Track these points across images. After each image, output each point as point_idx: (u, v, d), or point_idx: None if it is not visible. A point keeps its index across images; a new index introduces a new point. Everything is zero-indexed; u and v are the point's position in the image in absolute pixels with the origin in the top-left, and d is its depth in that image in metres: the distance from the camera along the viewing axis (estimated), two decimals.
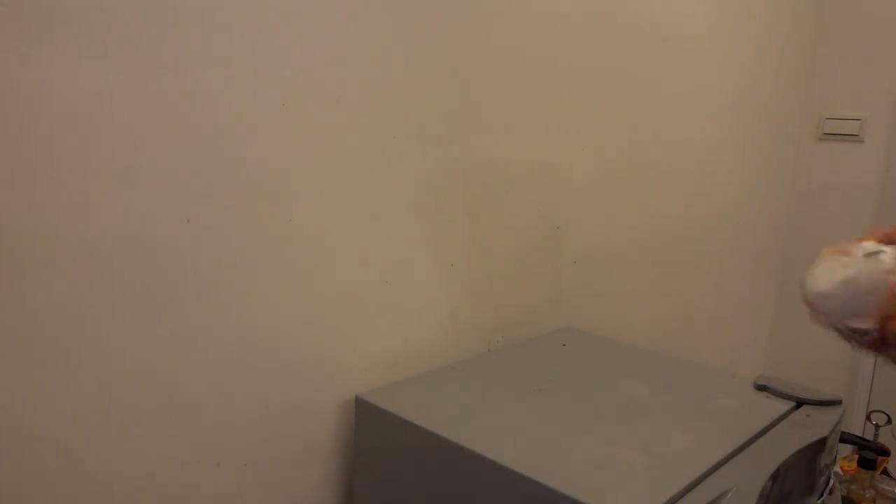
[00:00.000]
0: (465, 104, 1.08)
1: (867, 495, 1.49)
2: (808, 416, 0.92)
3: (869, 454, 1.50)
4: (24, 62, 0.65)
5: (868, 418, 1.82)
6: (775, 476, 0.78)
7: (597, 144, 1.36)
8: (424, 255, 1.07)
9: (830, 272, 0.67)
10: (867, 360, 2.09)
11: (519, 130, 1.18)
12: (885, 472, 1.67)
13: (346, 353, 0.98)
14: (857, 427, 2.08)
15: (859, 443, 1.64)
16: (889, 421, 1.77)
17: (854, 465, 1.55)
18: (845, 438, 1.60)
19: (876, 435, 1.75)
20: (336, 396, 0.98)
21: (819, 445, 0.87)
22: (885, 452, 1.60)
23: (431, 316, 1.10)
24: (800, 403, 0.96)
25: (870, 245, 0.68)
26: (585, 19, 1.27)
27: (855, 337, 0.68)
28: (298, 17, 0.85)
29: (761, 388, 1.00)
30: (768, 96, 1.97)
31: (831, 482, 0.96)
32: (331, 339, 0.96)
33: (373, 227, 0.98)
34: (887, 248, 0.67)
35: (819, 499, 0.92)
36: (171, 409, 0.81)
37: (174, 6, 0.74)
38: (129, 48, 0.71)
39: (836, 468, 1.55)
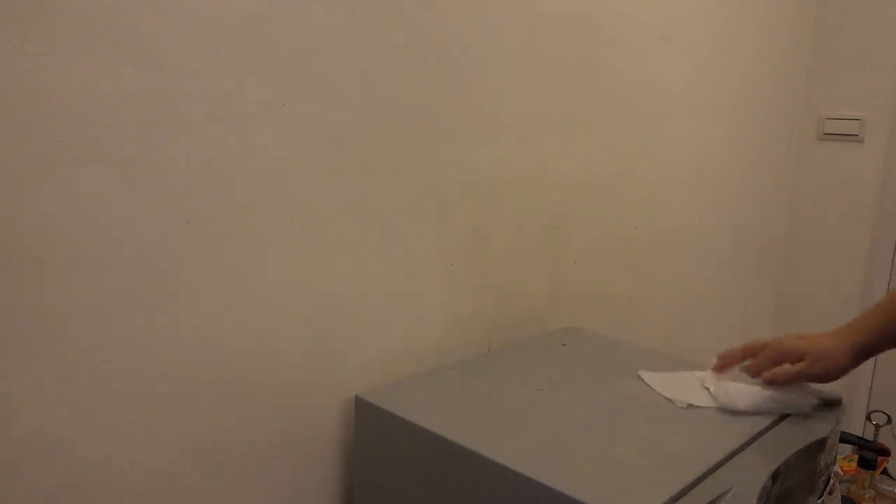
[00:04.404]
0: (466, 104, 1.08)
1: (867, 495, 1.49)
2: (807, 416, 0.92)
3: (869, 454, 1.50)
4: (25, 62, 0.65)
5: (868, 418, 1.82)
6: (775, 476, 0.78)
7: (597, 144, 1.36)
8: (424, 254, 1.07)
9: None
10: (867, 360, 2.09)
11: (519, 130, 1.18)
12: (885, 472, 1.67)
13: (346, 353, 0.98)
14: (857, 427, 2.08)
15: (859, 443, 1.64)
16: (889, 421, 1.77)
17: (854, 465, 1.55)
18: (845, 438, 1.60)
19: (876, 435, 1.75)
20: (336, 396, 0.98)
21: (819, 445, 0.87)
22: (885, 452, 1.60)
23: (431, 316, 1.10)
24: None
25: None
26: (585, 19, 1.27)
27: None
28: (299, 17, 0.85)
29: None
30: (768, 96, 1.97)
31: (831, 482, 0.96)
32: (331, 339, 0.96)
33: (373, 226, 0.98)
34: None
35: (819, 499, 0.92)
36: (172, 410, 0.81)
37: (175, 7, 0.74)
38: (130, 48, 0.71)
39: (836, 468, 1.55)
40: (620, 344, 1.21)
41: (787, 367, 0.92)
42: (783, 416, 0.91)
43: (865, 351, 0.91)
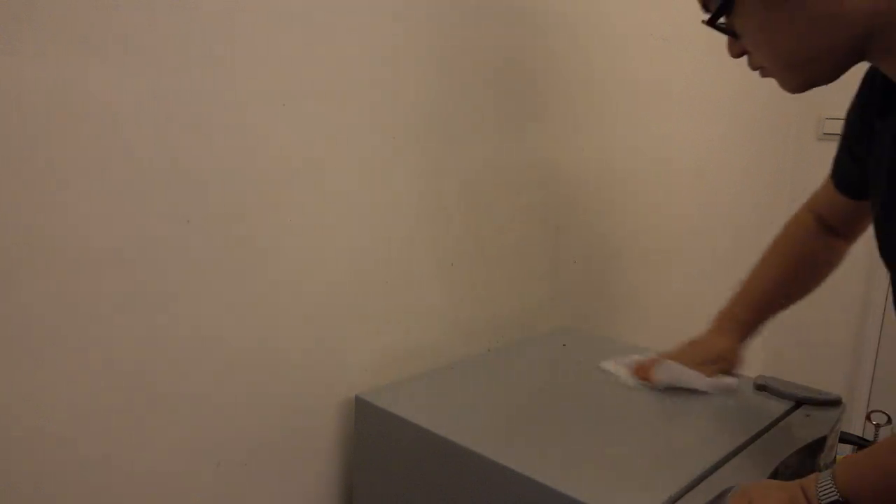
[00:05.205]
0: (466, 104, 1.08)
1: None
2: (807, 415, 0.92)
3: None
4: (26, 63, 0.65)
5: (868, 418, 1.82)
6: (775, 475, 0.78)
7: (597, 144, 1.36)
8: (424, 255, 1.07)
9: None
10: (867, 360, 2.09)
11: (519, 130, 1.18)
12: None
13: (346, 353, 0.98)
14: (857, 427, 2.07)
15: (859, 443, 1.63)
16: (889, 421, 1.76)
17: None
18: (845, 438, 1.59)
19: (876, 435, 1.75)
20: (336, 396, 0.98)
21: (819, 445, 0.87)
22: None
23: (431, 316, 1.10)
24: (799, 403, 0.96)
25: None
26: (585, 19, 1.27)
27: None
28: (299, 18, 0.85)
29: (761, 388, 1.00)
30: (768, 96, 1.97)
31: None
32: (331, 339, 0.96)
33: (372, 226, 0.98)
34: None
35: None
36: (171, 410, 0.81)
37: (176, 7, 0.74)
38: (131, 49, 0.71)
39: None
40: (620, 344, 1.21)
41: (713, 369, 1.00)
42: (783, 416, 0.91)
43: (749, 341, 1.06)
